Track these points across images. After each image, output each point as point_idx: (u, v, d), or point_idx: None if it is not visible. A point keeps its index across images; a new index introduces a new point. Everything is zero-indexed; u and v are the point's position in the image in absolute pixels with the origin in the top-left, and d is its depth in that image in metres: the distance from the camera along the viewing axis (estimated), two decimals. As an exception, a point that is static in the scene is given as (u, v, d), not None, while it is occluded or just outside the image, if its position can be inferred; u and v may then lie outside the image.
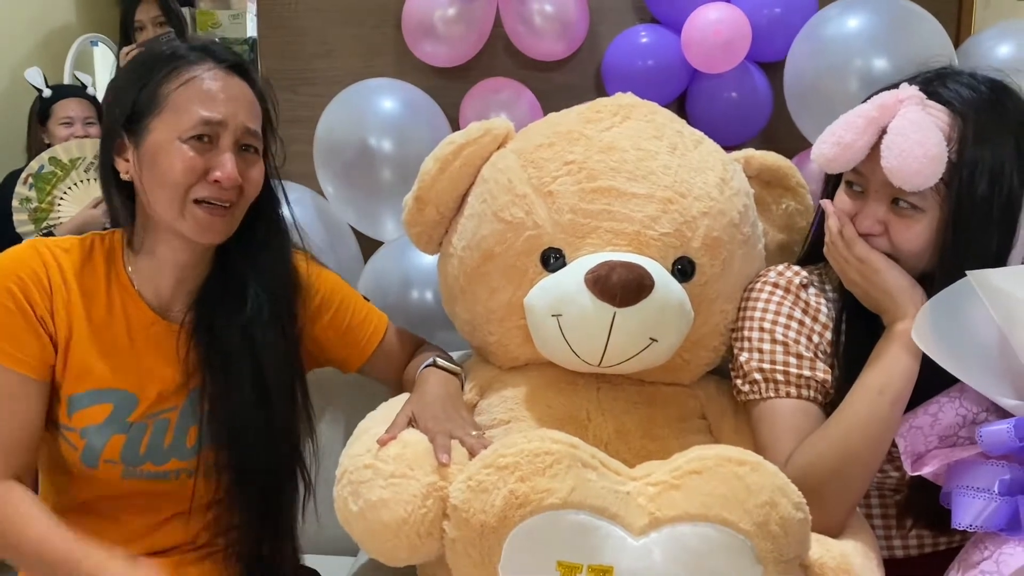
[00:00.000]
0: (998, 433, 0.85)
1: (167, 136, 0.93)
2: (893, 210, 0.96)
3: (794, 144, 1.49)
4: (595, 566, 0.79)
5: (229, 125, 0.94)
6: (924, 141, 0.90)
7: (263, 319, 1.00)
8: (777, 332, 1.03)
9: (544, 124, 1.14)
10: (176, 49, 0.96)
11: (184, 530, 1.02)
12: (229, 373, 0.99)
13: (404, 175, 1.43)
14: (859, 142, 0.95)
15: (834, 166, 0.98)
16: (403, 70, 1.60)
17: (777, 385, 1.01)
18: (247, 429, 0.99)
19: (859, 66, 1.30)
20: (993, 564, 0.84)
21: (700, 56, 1.44)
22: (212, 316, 1.00)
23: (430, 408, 0.99)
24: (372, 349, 1.14)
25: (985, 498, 0.86)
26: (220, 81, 0.95)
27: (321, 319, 1.10)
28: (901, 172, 0.91)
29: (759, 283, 1.08)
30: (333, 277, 1.14)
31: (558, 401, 1.06)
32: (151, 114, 0.93)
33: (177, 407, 0.99)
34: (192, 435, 1.00)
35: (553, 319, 0.99)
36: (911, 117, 0.92)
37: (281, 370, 1.01)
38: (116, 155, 0.97)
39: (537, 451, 0.81)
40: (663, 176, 1.04)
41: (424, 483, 0.85)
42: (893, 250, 0.97)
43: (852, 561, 0.87)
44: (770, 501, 0.80)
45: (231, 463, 0.99)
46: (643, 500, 0.82)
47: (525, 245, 1.05)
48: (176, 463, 1.00)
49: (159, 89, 0.94)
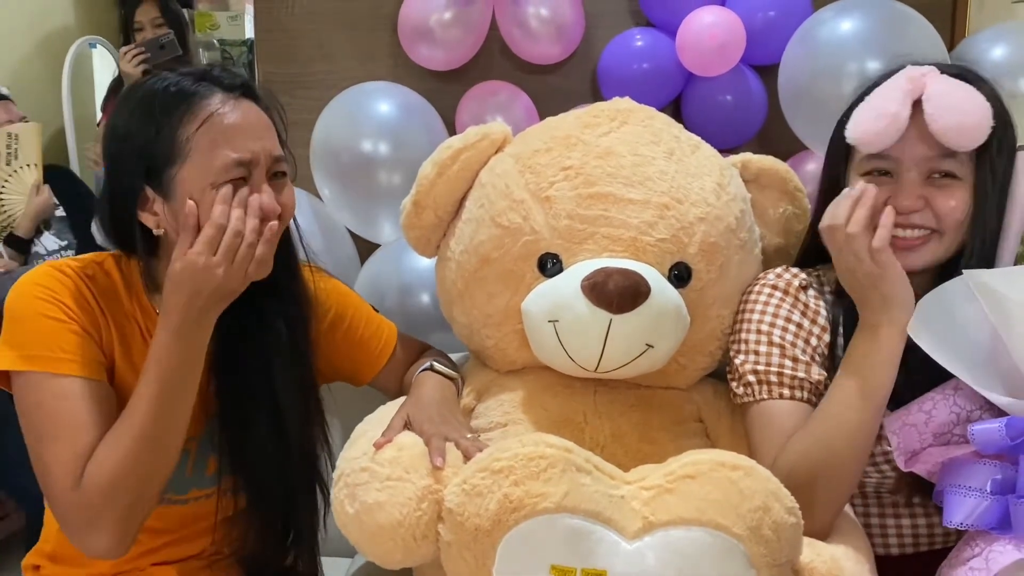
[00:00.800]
0: (990, 432, 0.85)
1: (199, 185, 0.88)
2: (931, 182, 0.96)
3: (789, 147, 1.49)
4: (589, 570, 0.80)
5: (260, 160, 0.91)
6: (971, 97, 0.91)
7: (283, 346, 0.99)
8: (775, 335, 1.03)
9: (542, 128, 1.14)
10: (182, 86, 0.91)
11: (197, 544, 1.03)
12: (247, 401, 0.98)
13: (401, 178, 1.43)
14: (903, 112, 0.94)
15: (880, 141, 0.95)
16: (399, 74, 1.60)
17: (771, 387, 1.01)
18: (265, 454, 0.98)
19: (853, 69, 1.30)
20: (982, 561, 0.85)
21: (695, 59, 1.44)
22: (236, 348, 0.98)
23: (426, 411, 0.99)
24: (384, 362, 1.14)
25: (977, 497, 0.87)
26: (236, 112, 0.91)
27: (334, 335, 1.10)
28: (957, 129, 0.90)
29: (758, 285, 1.08)
30: (343, 289, 1.14)
31: (555, 404, 1.06)
32: (175, 164, 0.89)
33: (196, 437, 0.98)
34: (211, 464, 0.99)
35: (550, 325, 0.99)
36: (946, 80, 0.93)
37: (297, 394, 1.01)
38: (140, 209, 0.92)
39: (532, 455, 0.81)
40: (660, 182, 1.04)
41: (419, 486, 0.86)
42: (939, 223, 0.96)
43: (843, 565, 0.88)
44: (763, 506, 0.81)
45: (249, 487, 0.99)
46: (637, 504, 0.82)
47: (522, 250, 1.05)
48: (196, 492, 1.00)
49: (176, 135, 0.89)
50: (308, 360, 1.03)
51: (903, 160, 0.96)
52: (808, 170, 1.47)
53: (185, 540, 1.02)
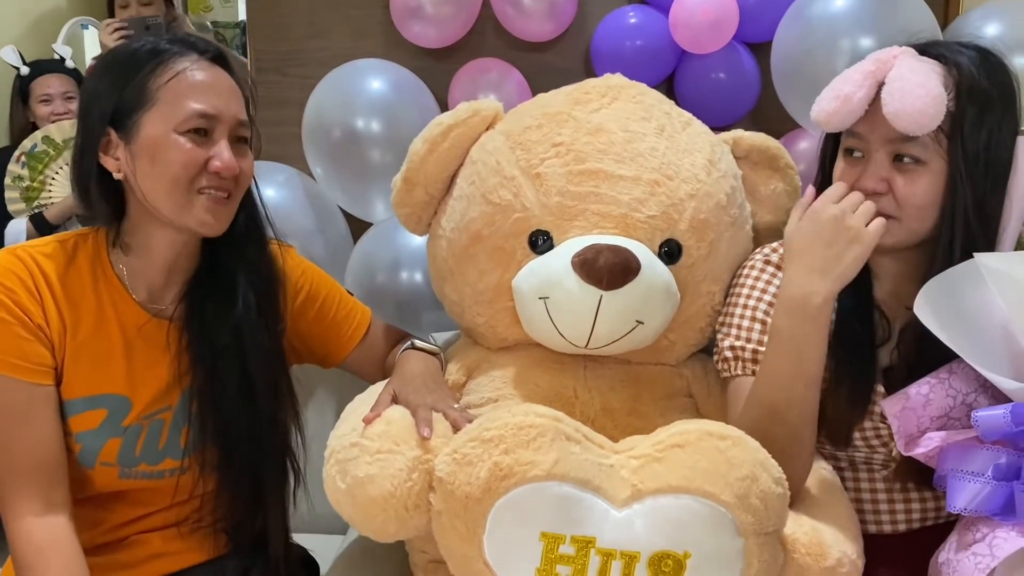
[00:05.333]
0: (994, 418, 0.85)
1: (162, 129, 0.92)
2: (896, 167, 0.95)
3: (782, 125, 1.49)
4: (578, 536, 0.81)
5: (223, 118, 0.94)
6: (925, 83, 0.90)
7: (251, 317, 1.01)
8: (759, 310, 1.03)
9: (533, 105, 1.14)
10: (156, 44, 0.95)
11: (175, 515, 1.04)
12: (216, 368, 0.99)
13: (393, 156, 1.42)
14: (858, 94, 0.94)
15: (834, 121, 0.97)
16: (391, 51, 1.59)
17: (745, 364, 1.02)
18: (234, 426, 1.00)
19: (846, 46, 1.30)
20: (986, 547, 0.84)
21: (688, 36, 1.44)
22: (203, 308, 1.00)
23: (411, 384, 1.00)
24: (355, 344, 1.15)
25: (980, 482, 0.87)
26: (207, 72, 0.95)
27: (306, 314, 1.11)
28: (905, 114, 0.90)
29: (752, 260, 1.09)
30: (315, 270, 1.15)
31: (545, 380, 1.07)
32: (141, 109, 0.92)
33: (171, 407, 1.00)
34: (185, 435, 1.00)
35: (540, 301, 1.00)
36: (909, 64, 0.93)
37: (266, 366, 1.02)
38: (103, 153, 0.95)
39: (521, 424, 0.82)
40: (650, 158, 1.05)
41: (410, 457, 0.86)
42: (898, 209, 0.95)
43: (823, 535, 0.88)
44: (751, 475, 0.82)
45: (220, 459, 1.00)
46: (626, 473, 0.83)
47: (513, 227, 1.05)
48: (170, 462, 1.01)
49: (147, 84, 0.93)
50: (275, 330, 1.04)
51: (871, 140, 0.96)
52: (800, 148, 1.47)
53: (164, 510, 1.03)
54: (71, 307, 0.96)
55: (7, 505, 0.92)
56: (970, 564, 0.84)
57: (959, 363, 0.91)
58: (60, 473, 0.94)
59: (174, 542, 1.04)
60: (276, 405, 1.04)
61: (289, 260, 1.09)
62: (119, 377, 0.97)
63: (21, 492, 0.91)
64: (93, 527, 1.00)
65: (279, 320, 1.05)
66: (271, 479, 1.04)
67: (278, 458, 1.06)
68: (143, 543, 1.02)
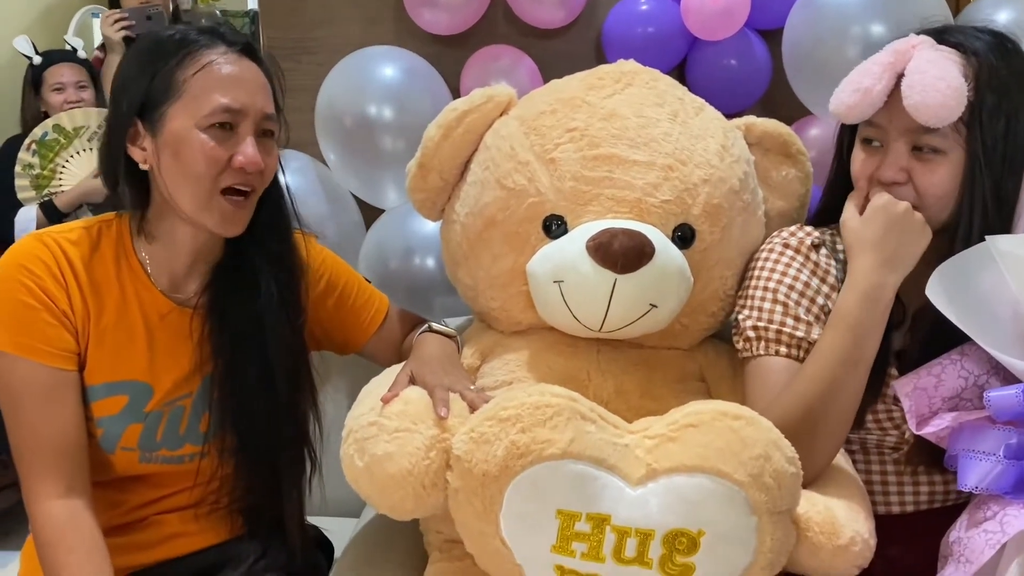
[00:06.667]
0: (1007, 398, 0.86)
1: (186, 124, 0.92)
2: (915, 156, 0.96)
3: (793, 111, 1.49)
4: (593, 514, 0.82)
5: (249, 112, 0.94)
6: (944, 75, 0.91)
7: (273, 307, 1.01)
8: (780, 292, 1.04)
9: (546, 91, 1.14)
10: (186, 33, 0.95)
11: (193, 496, 1.05)
12: (236, 356, 1.00)
13: (405, 143, 1.43)
14: (877, 87, 0.95)
15: (854, 114, 0.98)
16: (403, 38, 1.60)
17: (768, 343, 1.02)
18: (253, 412, 1.01)
19: (857, 33, 1.30)
20: (997, 524, 0.85)
21: (699, 23, 1.44)
22: (225, 298, 1.01)
23: (428, 365, 1.01)
24: (373, 331, 1.16)
25: (991, 461, 0.87)
26: (235, 66, 0.94)
27: (326, 303, 1.12)
28: (926, 107, 0.91)
29: (771, 243, 1.09)
30: (335, 259, 1.15)
31: (559, 363, 1.08)
32: (167, 101, 0.92)
33: (191, 394, 1.01)
34: (205, 421, 1.01)
35: (555, 285, 1.00)
36: (927, 56, 0.93)
37: (286, 356, 1.03)
38: (130, 143, 0.95)
39: (538, 404, 0.83)
40: (664, 143, 1.05)
41: (427, 436, 0.87)
42: (918, 199, 0.97)
43: (836, 514, 0.89)
44: (764, 454, 0.83)
45: (238, 444, 1.01)
46: (640, 452, 0.84)
47: (527, 212, 1.06)
48: (190, 448, 1.02)
49: (174, 75, 0.92)
50: (298, 321, 1.05)
51: (889, 130, 0.97)
52: (812, 134, 1.48)
53: (182, 492, 1.04)
54: (95, 293, 0.96)
55: (29, 487, 0.93)
56: (981, 540, 0.84)
57: (971, 345, 0.92)
58: (82, 457, 0.95)
59: (191, 523, 1.05)
60: (295, 393, 1.05)
61: (311, 250, 1.10)
62: (141, 364, 0.98)
63: (43, 475, 0.92)
64: (112, 508, 1.01)
65: (301, 311, 1.05)
66: (288, 464, 1.05)
67: (296, 444, 1.07)
68: (161, 524, 1.04)
